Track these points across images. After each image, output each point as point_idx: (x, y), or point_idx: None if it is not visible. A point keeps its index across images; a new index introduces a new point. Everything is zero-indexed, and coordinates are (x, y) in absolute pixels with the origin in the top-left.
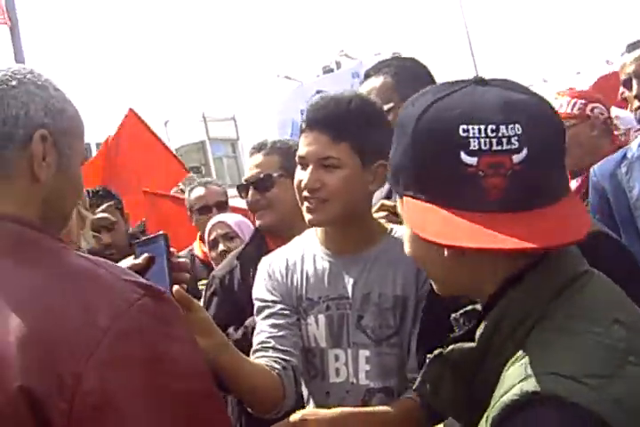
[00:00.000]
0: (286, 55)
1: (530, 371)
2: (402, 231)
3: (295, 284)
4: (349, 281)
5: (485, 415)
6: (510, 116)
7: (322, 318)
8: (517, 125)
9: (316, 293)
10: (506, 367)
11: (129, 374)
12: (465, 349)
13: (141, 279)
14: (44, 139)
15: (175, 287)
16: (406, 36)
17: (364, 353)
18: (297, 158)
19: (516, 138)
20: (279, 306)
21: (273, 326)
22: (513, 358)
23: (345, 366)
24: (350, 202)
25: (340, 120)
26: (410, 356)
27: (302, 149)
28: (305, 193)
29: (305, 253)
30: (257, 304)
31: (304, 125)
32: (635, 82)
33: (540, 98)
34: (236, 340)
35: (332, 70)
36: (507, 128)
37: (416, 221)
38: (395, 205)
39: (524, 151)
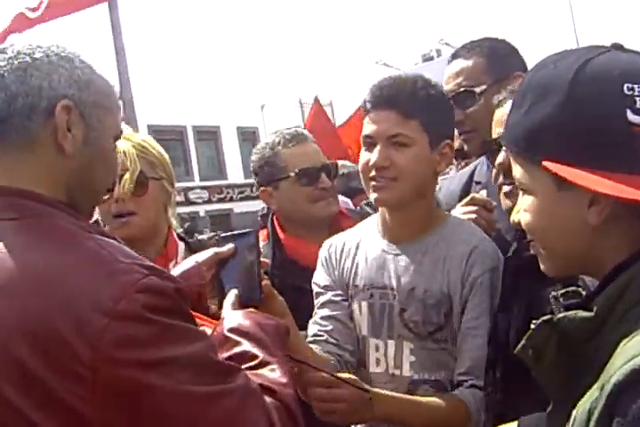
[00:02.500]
0: (386, 42)
1: None
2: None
3: (346, 269)
4: (396, 272)
5: (599, 384)
6: None
7: (364, 305)
8: None
9: (363, 280)
10: (626, 339)
11: (138, 352)
12: (580, 317)
13: (145, 261)
14: (68, 109)
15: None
16: (507, 25)
17: (408, 345)
18: (362, 139)
19: None
20: (332, 293)
21: (326, 318)
22: (633, 333)
23: (384, 356)
24: (418, 182)
25: (409, 98)
26: (459, 356)
27: (369, 128)
28: (373, 172)
29: (362, 238)
30: (314, 289)
31: (369, 106)
32: None
33: None
34: None
35: (431, 58)
36: None
37: (584, 181)
38: (488, 200)
39: None
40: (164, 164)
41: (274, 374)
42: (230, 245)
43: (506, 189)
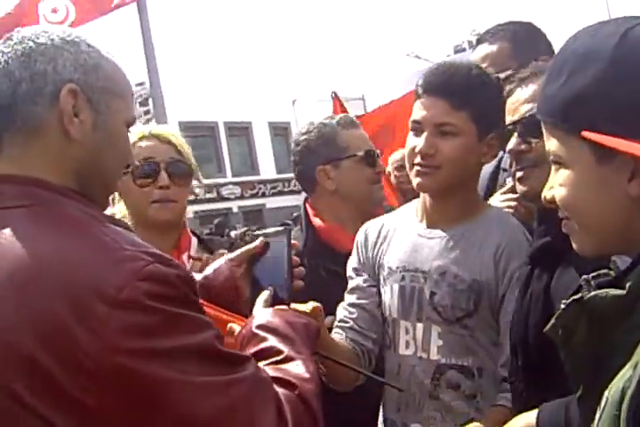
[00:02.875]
0: (417, 34)
1: None
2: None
3: (381, 252)
4: (430, 256)
5: (633, 362)
6: None
7: (396, 287)
8: None
9: (396, 262)
10: None
11: (141, 341)
12: (612, 296)
13: (151, 248)
14: (74, 94)
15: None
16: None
17: (436, 329)
18: (410, 123)
19: None
20: (362, 278)
21: (353, 305)
22: None
23: (413, 339)
24: (461, 172)
25: (461, 87)
26: (502, 349)
27: (418, 114)
28: (418, 159)
29: (400, 222)
30: (348, 270)
31: (420, 90)
32: None
33: None
34: None
35: (463, 50)
36: None
37: (628, 148)
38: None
39: None
40: (192, 159)
41: (297, 369)
42: (259, 242)
43: (519, 174)
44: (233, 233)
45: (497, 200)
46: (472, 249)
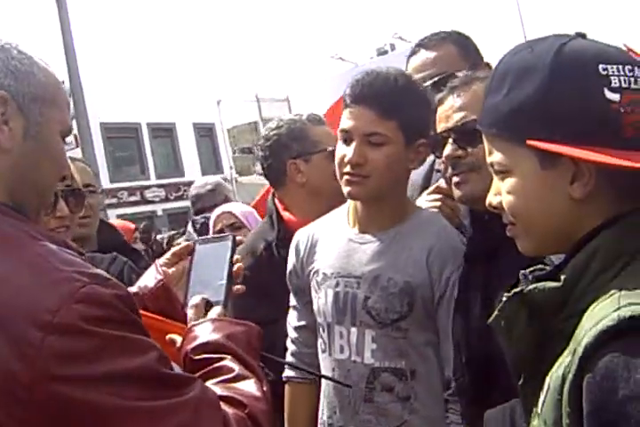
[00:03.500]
0: (340, 37)
1: (624, 302)
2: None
3: (314, 257)
4: (362, 261)
5: (571, 349)
6: (635, 61)
7: (330, 293)
8: None
9: (330, 268)
10: (590, 308)
11: (77, 367)
12: (548, 288)
13: (88, 268)
14: (3, 101)
15: None
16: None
17: (370, 333)
18: (339, 132)
19: None
20: (299, 295)
21: (297, 328)
22: (602, 298)
23: (348, 344)
24: (391, 179)
25: (389, 97)
26: (446, 356)
27: (347, 123)
28: (347, 168)
29: (331, 228)
30: (288, 282)
31: (348, 100)
32: None
33: None
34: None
35: (386, 52)
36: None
37: (570, 152)
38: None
39: None
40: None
41: (248, 387)
42: (185, 244)
43: (455, 179)
44: (159, 237)
45: (422, 200)
46: (403, 252)
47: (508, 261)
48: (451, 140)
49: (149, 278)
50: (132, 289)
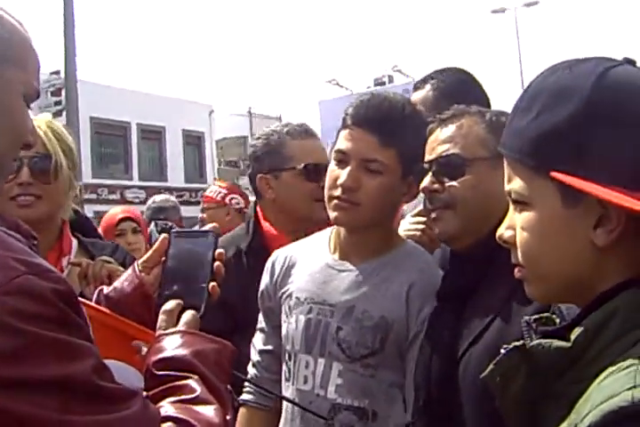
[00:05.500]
0: (339, 63)
1: None
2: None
3: (290, 280)
4: (339, 289)
5: (571, 421)
6: None
7: (302, 319)
8: None
9: (305, 293)
10: (603, 376)
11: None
12: (555, 347)
13: (27, 256)
14: None
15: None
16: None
17: (337, 366)
18: (334, 152)
19: None
20: (269, 318)
21: (262, 352)
22: (613, 368)
23: (313, 375)
24: (381, 210)
25: (394, 124)
26: (408, 407)
27: (345, 144)
28: (338, 191)
29: (311, 252)
30: (259, 303)
31: (350, 121)
32: None
33: None
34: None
35: (383, 83)
36: None
37: (598, 192)
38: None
39: None
40: (74, 153)
41: (207, 412)
42: (162, 238)
43: (432, 215)
44: None
45: (407, 222)
46: (383, 284)
47: (482, 304)
48: (430, 173)
49: (126, 281)
50: (106, 290)
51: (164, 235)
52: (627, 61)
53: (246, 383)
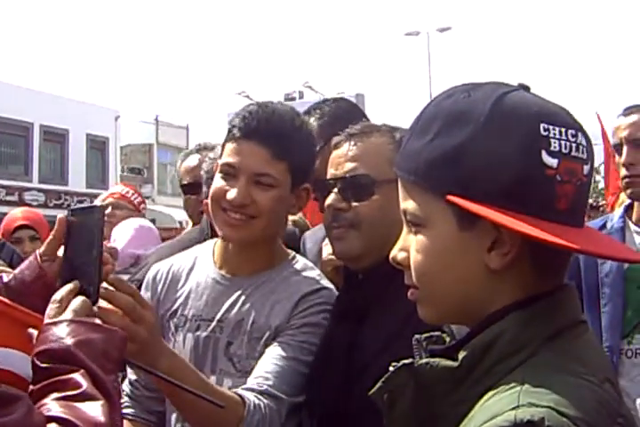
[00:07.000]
0: (251, 76)
1: (524, 401)
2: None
3: (174, 297)
4: (227, 305)
5: None
6: (580, 126)
7: (190, 337)
8: (583, 136)
9: (192, 310)
10: (485, 397)
11: None
12: (442, 366)
13: None
14: None
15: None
16: (369, 77)
17: (228, 382)
18: (221, 165)
19: (585, 148)
20: None
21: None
22: (497, 389)
23: None
24: (274, 223)
25: (285, 137)
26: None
27: (234, 158)
28: (228, 206)
29: (196, 266)
30: None
31: (238, 133)
32: (625, 148)
33: None
34: None
35: (293, 99)
36: (583, 136)
37: (492, 216)
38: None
39: (589, 164)
40: None
41: (91, 410)
42: (59, 220)
43: (335, 232)
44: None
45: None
46: (272, 296)
47: (378, 324)
48: (336, 190)
49: (27, 270)
50: (6, 279)
51: (59, 215)
52: (521, 87)
53: (124, 398)
